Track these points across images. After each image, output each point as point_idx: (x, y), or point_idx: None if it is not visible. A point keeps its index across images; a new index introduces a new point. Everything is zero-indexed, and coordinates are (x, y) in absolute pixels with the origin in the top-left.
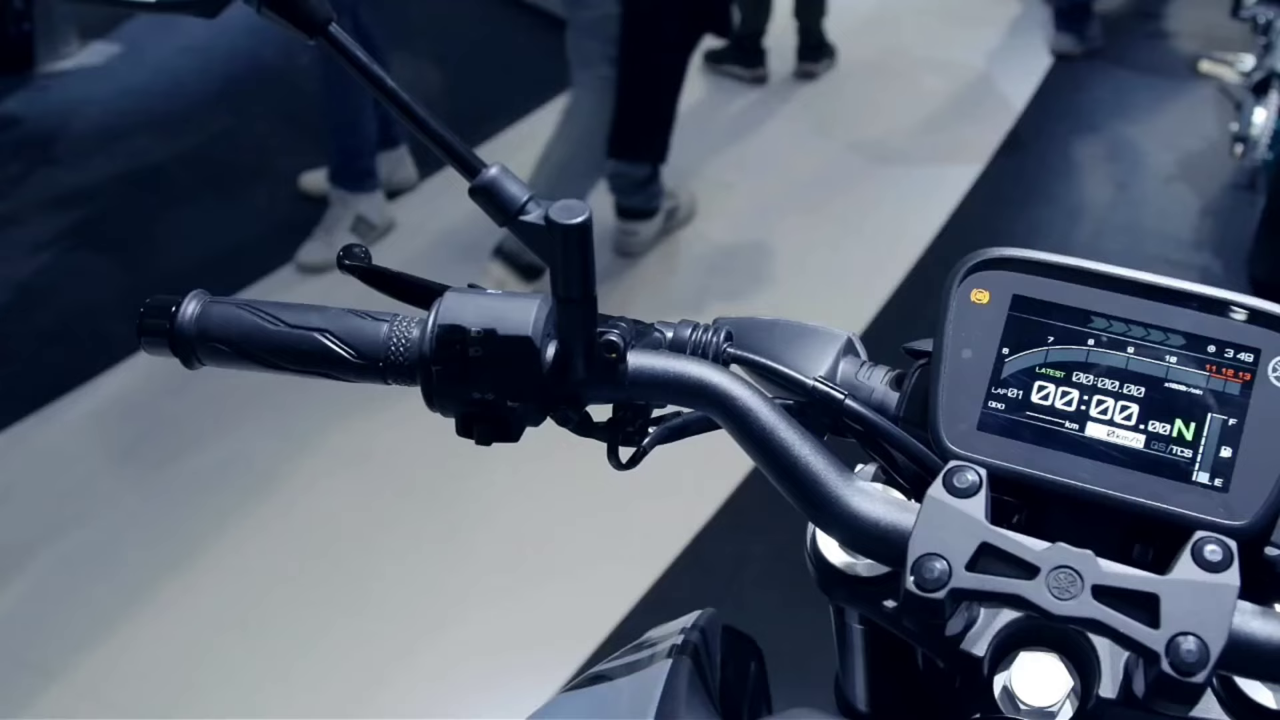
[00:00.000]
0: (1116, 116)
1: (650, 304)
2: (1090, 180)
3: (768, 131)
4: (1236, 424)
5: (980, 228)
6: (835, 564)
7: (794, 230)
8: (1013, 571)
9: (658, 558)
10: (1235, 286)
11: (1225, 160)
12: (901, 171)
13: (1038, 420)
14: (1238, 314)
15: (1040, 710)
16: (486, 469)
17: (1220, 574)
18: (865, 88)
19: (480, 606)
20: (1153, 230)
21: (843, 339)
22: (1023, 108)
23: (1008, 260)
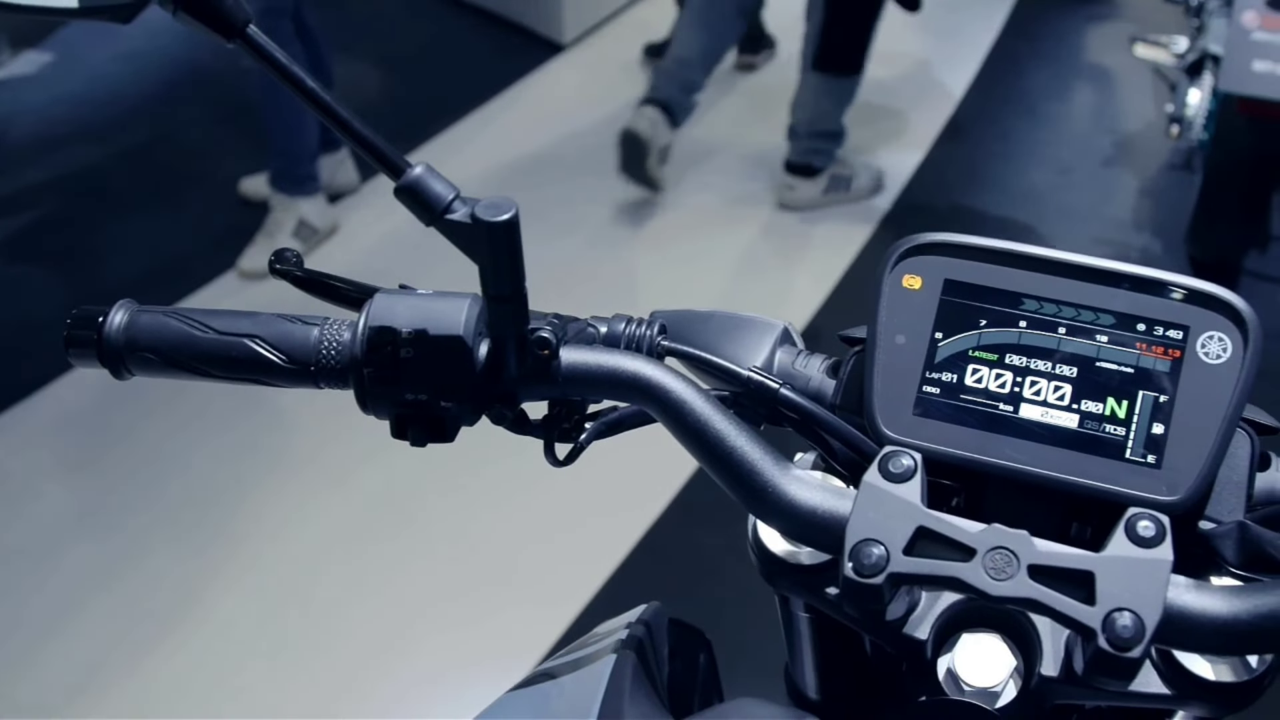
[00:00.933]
0: (1055, 100)
1: (613, 294)
2: (1031, 164)
3: (708, 124)
4: (1168, 401)
5: (924, 214)
6: (777, 553)
7: (740, 222)
8: (949, 554)
9: (612, 553)
10: (1174, 265)
11: (1162, 141)
12: None
13: (972, 403)
14: (1166, 292)
15: (984, 690)
16: (429, 469)
17: (1153, 549)
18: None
19: (431, 610)
20: (1093, 212)
21: (779, 328)
22: (962, 94)
23: (938, 245)
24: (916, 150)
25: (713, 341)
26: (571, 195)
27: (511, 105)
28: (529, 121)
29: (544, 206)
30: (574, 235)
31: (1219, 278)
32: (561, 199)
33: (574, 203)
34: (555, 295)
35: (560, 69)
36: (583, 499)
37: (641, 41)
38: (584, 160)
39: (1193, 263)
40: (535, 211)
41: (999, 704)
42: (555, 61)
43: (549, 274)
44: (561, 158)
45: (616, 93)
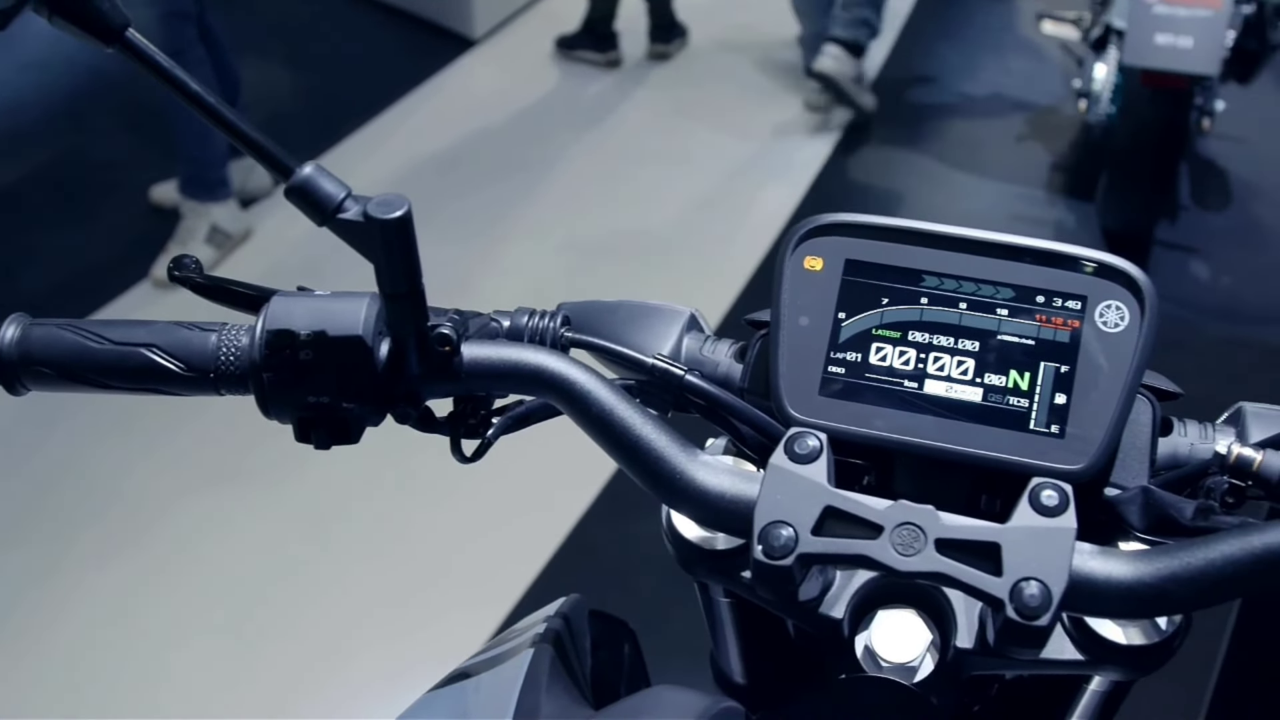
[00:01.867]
0: (966, 79)
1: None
2: (944, 143)
3: (625, 115)
4: (1069, 371)
5: (840, 197)
6: (692, 540)
7: (656, 212)
8: (857, 532)
9: (540, 550)
10: (1087, 238)
11: (1071, 116)
12: (759, 146)
13: (877, 381)
14: (1063, 264)
15: (901, 665)
16: (355, 470)
17: (1057, 518)
18: (719, 65)
19: (362, 614)
20: (1006, 188)
21: (685, 315)
22: (874, 75)
23: (838, 226)
24: (832, 131)
25: (619, 331)
26: (488, 191)
27: (425, 103)
28: (443, 118)
29: (460, 203)
30: (490, 231)
31: (1131, 248)
32: (478, 195)
33: (491, 199)
34: (472, 291)
35: (472, 64)
36: (512, 494)
37: (553, 34)
38: (500, 155)
39: (1105, 234)
40: (450, 209)
41: (917, 678)
42: (467, 57)
43: (466, 270)
44: (478, 154)
45: (530, 86)
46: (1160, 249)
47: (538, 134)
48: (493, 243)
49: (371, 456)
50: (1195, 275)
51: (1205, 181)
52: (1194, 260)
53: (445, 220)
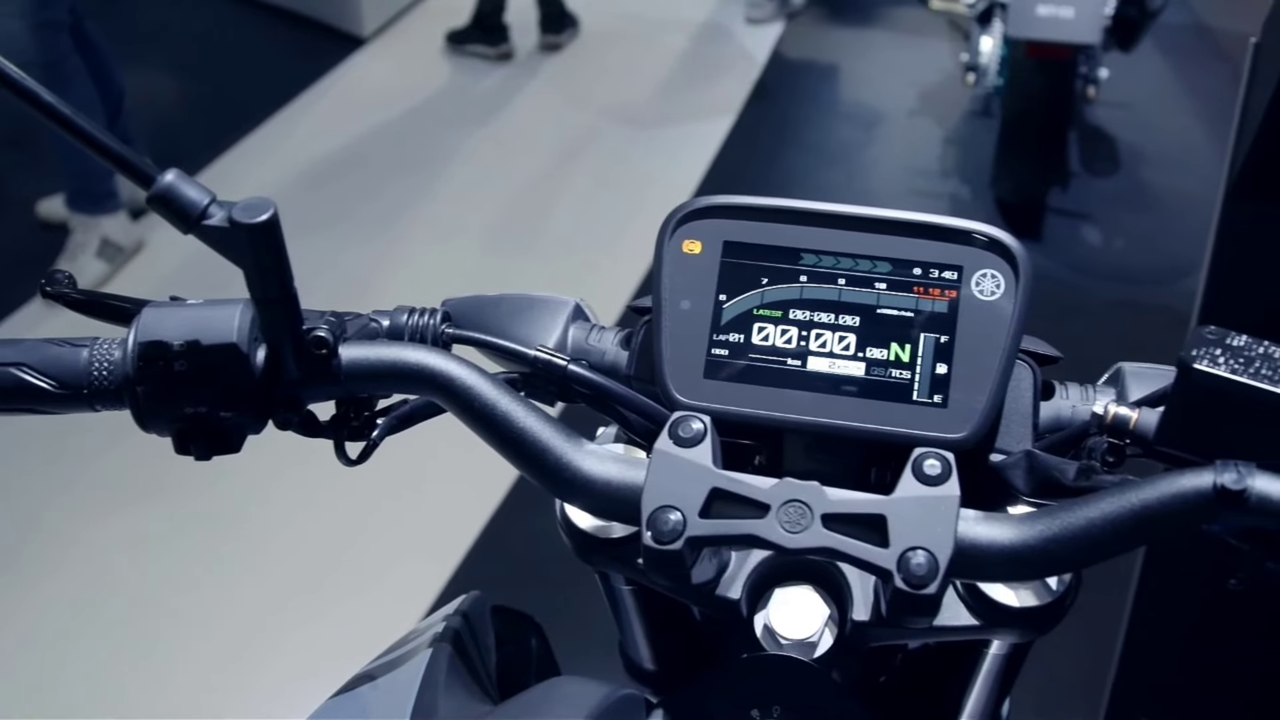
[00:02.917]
0: (857, 57)
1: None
2: (838, 122)
3: (519, 107)
4: (948, 341)
5: (737, 180)
6: (586, 530)
7: (554, 203)
8: (745, 512)
9: (454, 547)
10: (981, 209)
11: (961, 90)
12: (655, 133)
13: (761, 361)
14: (937, 235)
15: (801, 642)
16: (261, 476)
17: (940, 487)
18: (611, 54)
19: (273, 620)
20: (901, 164)
21: (570, 305)
22: (766, 58)
23: (714, 208)
24: (726, 116)
25: (504, 324)
26: (385, 190)
27: (317, 103)
28: (336, 119)
29: (357, 203)
30: (389, 229)
31: (1024, 216)
32: (375, 194)
33: (388, 197)
34: (374, 290)
35: (363, 63)
36: (423, 494)
37: (443, 29)
38: (395, 153)
39: (999, 204)
40: (348, 209)
41: (817, 653)
42: (357, 56)
43: (367, 270)
44: (373, 153)
45: (422, 83)
46: (1053, 215)
47: (432, 130)
48: (392, 241)
49: (275, 460)
50: (1087, 240)
51: (1093, 148)
52: (1086, 225)
53: (343, 221)
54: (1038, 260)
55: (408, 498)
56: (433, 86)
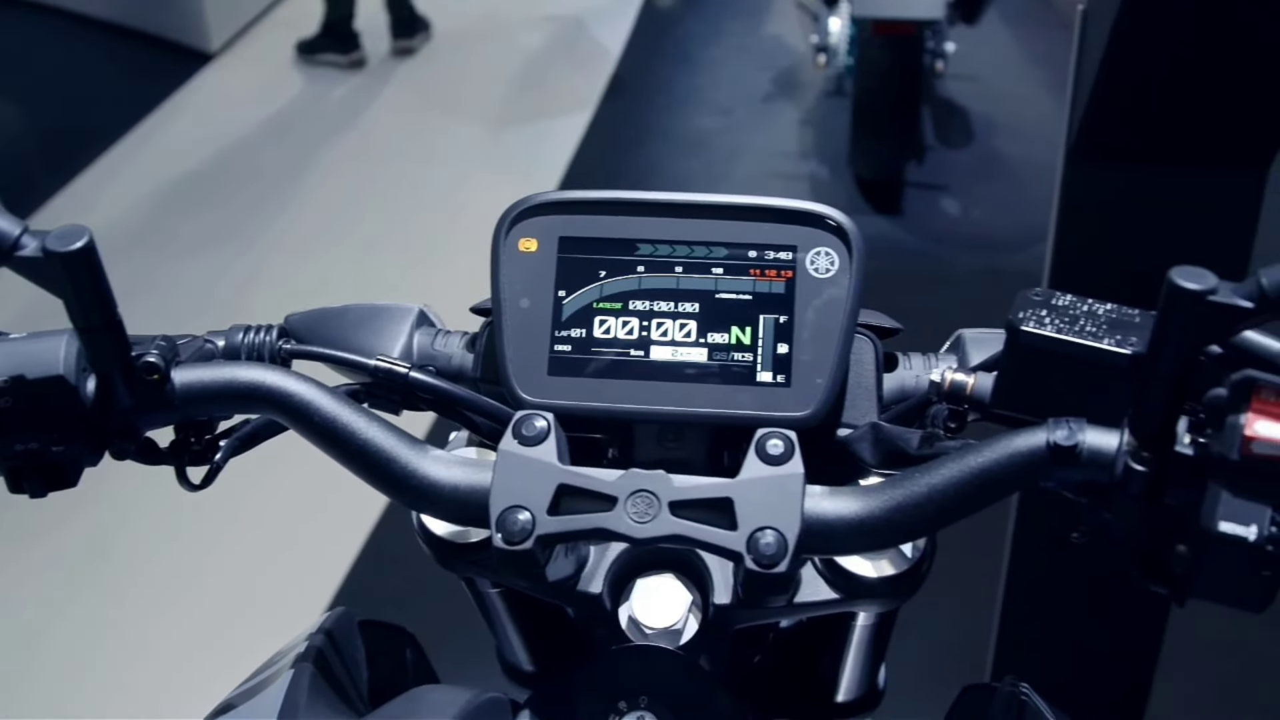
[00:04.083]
0: (711, 45)
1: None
2: (695, 110)
3: (375, 114)
4: (787, 320)
5: (598, 175)
6: (443, 536)
7: (413, 209)
8: (593, 506)
9: (337, 562)
10: (840, 187)
11: (813, 72)
12: (513, 133)
13: (604, 354)
14: (769, 217)
15: (666, 630)
16: (133, 508)
17: (784, 466)
18: (465, 55)
19: (153, 646)
20: (760, 149)
21: (414, 311)
22: (621, 50)
23: (547, 205)
24: (584, 110)
25: (348, 335)
26: (243, 206)
27: (166, 123)
28: (188, 137)
29: (214, 221)
30: (250, 246)
31: (883, 192)
32: (232, 211)
33: (246, 213)
34: (234, 308)
35: (212, 79)
36: (300, 514)
37: (293, 39)
38: (251, 168)
39: (858, 182)
40: (205, 228)
41: (682, 640)
42: (206, 71)
43: (228, 288)
44: (228, 169)
45: (275, 95)
46: (911, 189)
47: (288, 142)
48: (250, 258)
49: (147, 492)
50: (946, 211)
51: (946, 120)
52: (944, 197)
53: (201, 240)
54: (899, 234)
55: (291, 518)
56: (285, 98)
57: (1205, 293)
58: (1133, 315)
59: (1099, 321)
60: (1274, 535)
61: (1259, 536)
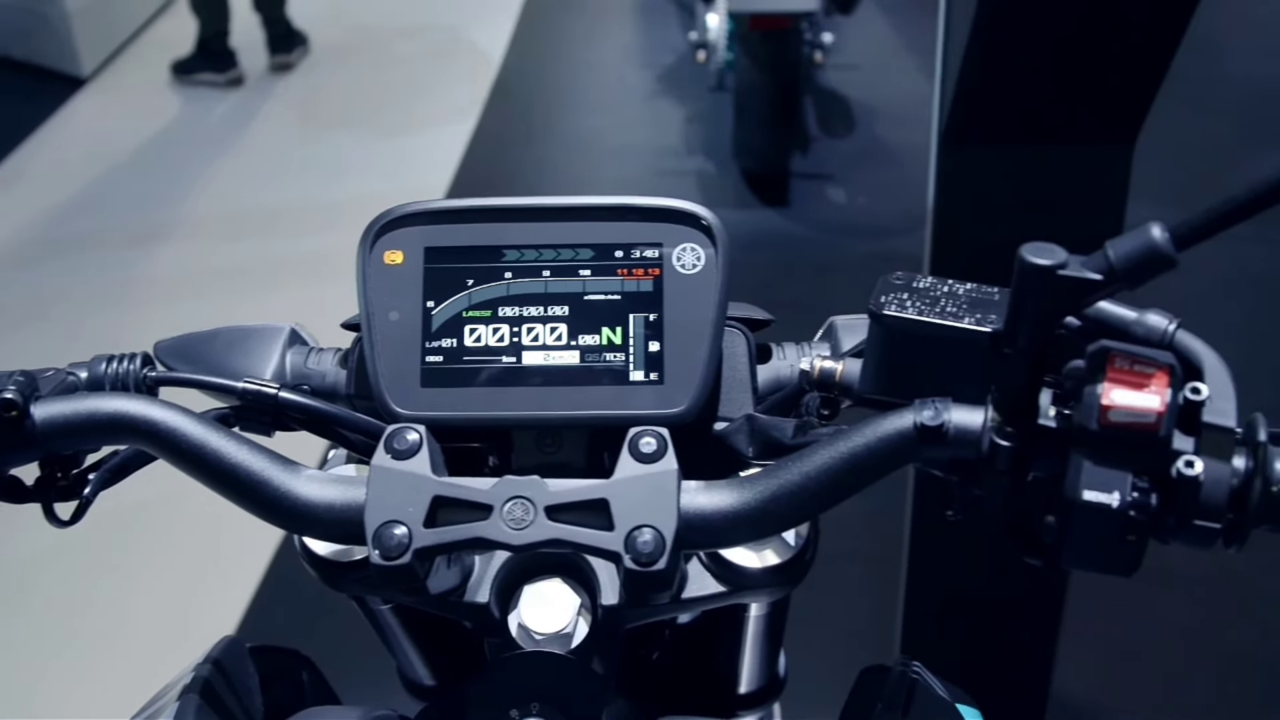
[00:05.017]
0: (592, 46)
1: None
2: (580, 112)
3: (255, 133)
4: (657, 318)
5: (485, 181)
6: (327, 556)
7: (300, 226)
8: (469, 516)
9: (241, 591)
10: (726, 182)
11: (694, 68)
12: (399, 143)
13: (476, 362)
14: (634, 216)
15: (556, 635)
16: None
17: (658, 463)
18: (345, 68)
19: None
20: (646, 147)
21: (285, 330)
22: (502, 55)
23: (410, 216)
24: (468, 117)
25: (218, 359)
26: (123, 234)
27: (39, 153)
28: (63, 166)
29: (93, 252)
30: (130, 274)
31: (770, 185)
32: (112, 241)
33: (127, 241)
34: (120, 340)
35: (86, 104)
36: (196, 546)
37: (167, 60)
38: (131, 194)
39: (744, 175)
40: (84, 260)
41: (574, 644)
42: (79, 97)
43: (111, 319)
44: (106, 197)
45: (152, 118)
46: (797, 180)
47: (168, 166)
48: (135, 285)
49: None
50: (833, 200)
51: (828, 110)
52: (830, 186)
53: (80, 273)
54: (786, 225)
55: (189, 549)
56: (163, 120)
57: (1055, 267)
58: (992, 293)
59: (959, 301)
60: (1135, 501)
61: (1121, 503)
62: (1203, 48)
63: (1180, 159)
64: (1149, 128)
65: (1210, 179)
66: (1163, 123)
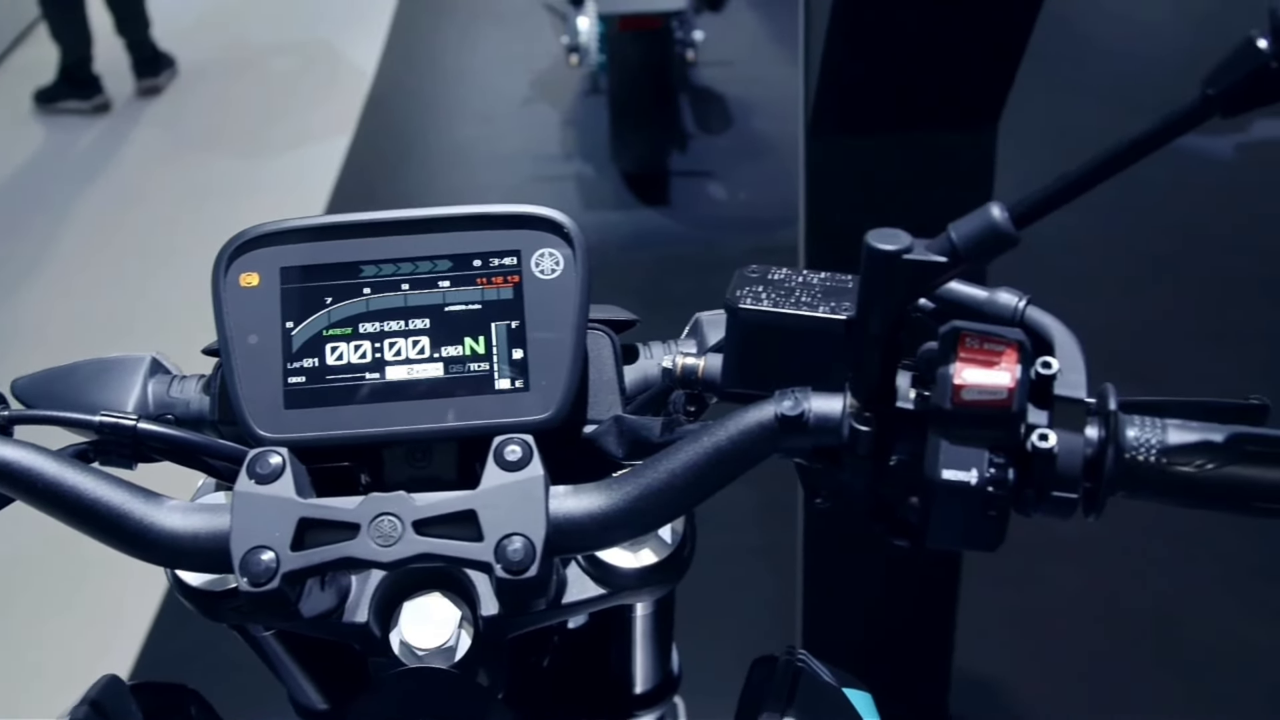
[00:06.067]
0: (467, 54)
1: None
2: (455, 121)
3: (125, 159)
4: (519, 325)
5: (365, 195)
6: (200, 587)
7: (175, 254)
8: (337, 536)
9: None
10: (606, 184)
11: (569, 71)
12: (273, 163)
13: (340, 381)
14: (490, 224)
15: (439, 649)
16: None
17: (523, 470)
18: (214, 88)
19: None
20: (523, 153)
21: (146, 360)
22: (375, 68)
23: (263, 237)
24: (343, 133)
25: (78, 394)
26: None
27: None
28: None
29: None
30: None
31: (648, 185)
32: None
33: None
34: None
35: None
36: (83, 584)
37: (29, 88)
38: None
39: (623, 176)
40: None
41: (457, 657)
42: None
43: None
44: None
45: (15, 150)
46: (676, 179)
47: (34, 199)
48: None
49: None
50: (713, 196)
51: (704, 108)
52: (710, 183)
53: None
54: (667, 224)
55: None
56: (27, 151)
57: (900, 252)
58: (846, 281)
59: (814, 291)
60: (993, 477)
61: (979, 480)
62: (1066, 30)
63: (1048, 137)
64: (1018, 109)
65: (1077, 155)
66: (1030, 103)
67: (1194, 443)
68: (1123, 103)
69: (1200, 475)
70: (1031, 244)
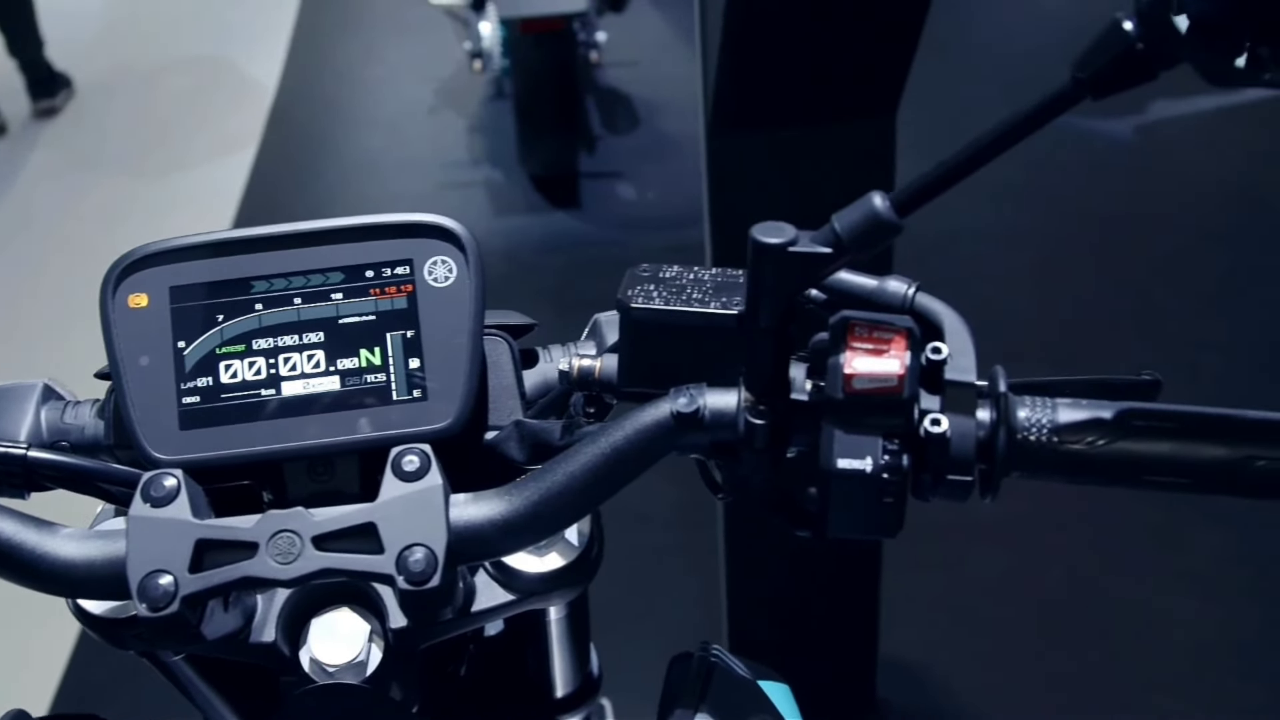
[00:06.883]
0: (368, 63)
1: None
2: (361, 131)
3: (22, 184)
4: (415, 335)
5: (271, 210)
6: (102, 615)
7: (76, 279)
8: (235, 556)
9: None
10: (515, 189)
11: (473, 77)
12: (176, 181)
13: (234, 399)
14: (381, 234)
15: (349, 664)
16: None
17: (422, 480)
18: (113, 107)
19: None
20: (431, 161)
21: (38, 387)
22: (277, 81)
23: (150, 257)
24: (246, 148)
25: None
26: None
27: None
28: None
29: None
30: None
31: (558, 187)
32: None
33: None
34: None
35: None
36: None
37: None
38: None
39: (532, 180)
40: None
41: (369, 671)
42: None
43: None
44: None
45: None
46: (586, 180)
47: None
48: None
49: None
50: (623, 197)
51: (610, 109)
52: (619, 184)
53: None
54: (578, 226)
55: None
56: None
57: (785, 245)
58: (736, 276)
59: (705, 287)
60: (888, 464)
61: (874, 467)
62: (962, 20)
63: (951, 124)
64: (919, 98)
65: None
66: (930, 92)
67: (1084, 420)
68: (1020, 88)
69: (1092, 452)
70: (926, 233)
